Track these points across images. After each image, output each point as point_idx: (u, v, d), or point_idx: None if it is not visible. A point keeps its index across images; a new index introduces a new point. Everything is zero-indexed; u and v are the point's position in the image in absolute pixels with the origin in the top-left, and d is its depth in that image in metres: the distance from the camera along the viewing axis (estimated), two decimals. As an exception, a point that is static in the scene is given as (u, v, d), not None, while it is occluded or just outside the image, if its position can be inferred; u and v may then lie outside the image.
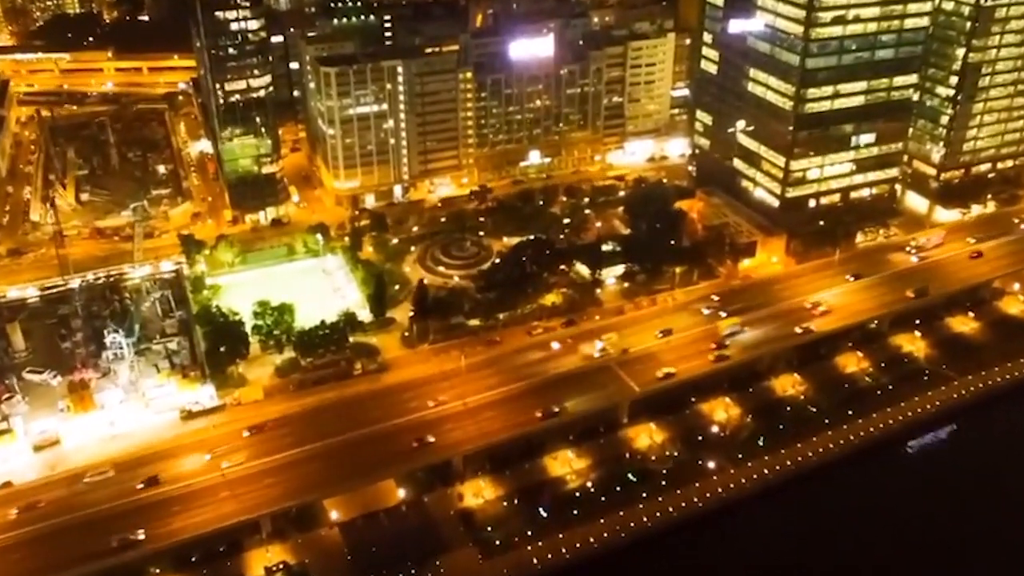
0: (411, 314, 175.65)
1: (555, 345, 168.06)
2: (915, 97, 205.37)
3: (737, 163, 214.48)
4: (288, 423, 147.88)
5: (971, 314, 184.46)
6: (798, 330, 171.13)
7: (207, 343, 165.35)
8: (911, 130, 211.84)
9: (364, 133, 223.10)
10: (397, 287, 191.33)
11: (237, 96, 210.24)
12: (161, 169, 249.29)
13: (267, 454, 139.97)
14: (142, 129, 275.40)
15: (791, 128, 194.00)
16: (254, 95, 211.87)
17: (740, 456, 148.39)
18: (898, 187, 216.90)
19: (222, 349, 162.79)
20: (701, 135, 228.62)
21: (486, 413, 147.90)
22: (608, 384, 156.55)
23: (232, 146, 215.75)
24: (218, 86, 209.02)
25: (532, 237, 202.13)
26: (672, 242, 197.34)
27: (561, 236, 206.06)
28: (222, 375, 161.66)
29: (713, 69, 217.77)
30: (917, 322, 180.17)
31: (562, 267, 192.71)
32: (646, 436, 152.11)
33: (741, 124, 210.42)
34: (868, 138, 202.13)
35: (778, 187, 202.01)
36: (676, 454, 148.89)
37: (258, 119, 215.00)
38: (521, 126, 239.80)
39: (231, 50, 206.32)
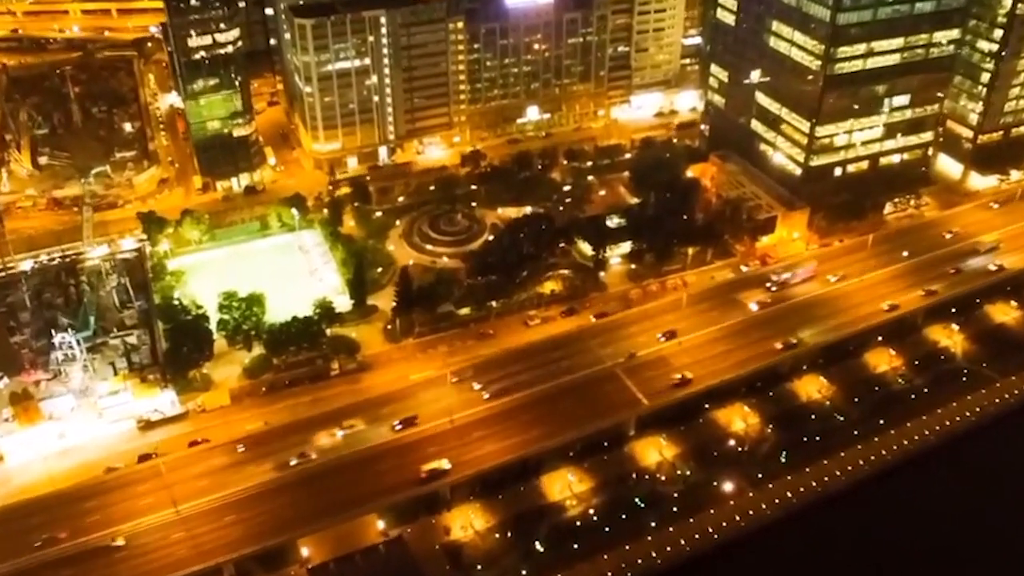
0: (394, 304, 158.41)
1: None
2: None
3: (755, 125, 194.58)
4: (254, 444, 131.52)
5: (1013, 302, 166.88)
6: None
7: (168, 343, 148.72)
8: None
9: (345, 90, 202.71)
10: (380, 269, 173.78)
11: (202, 53, 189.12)
12: (128, 127, 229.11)
13: (230, 484, 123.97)
14: (109, 80, 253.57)
15: (818, 90, 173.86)
16: (221, 51, 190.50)
17: (760, 475, 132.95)
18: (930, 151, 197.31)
19: (184, 350, 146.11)
20: (715, 91, 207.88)
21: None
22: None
23: (199, 108, 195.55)
24: (181, 41, 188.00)
25: (530, 211, 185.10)
26: (684, 216, 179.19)
27: (561, 208, 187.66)
28: (184, 379, 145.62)
29: (730, 19, 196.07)
30: (953, 311, 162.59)
31: (562, 244, 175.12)
32: (655, 451, 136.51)
33: (760, 81, 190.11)
34: (902, 100, 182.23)
35: (801, 154, 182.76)
36: (688, 473, 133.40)
37: (227, 77, 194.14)
38: (518, 80, 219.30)
39: (193, 1, 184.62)
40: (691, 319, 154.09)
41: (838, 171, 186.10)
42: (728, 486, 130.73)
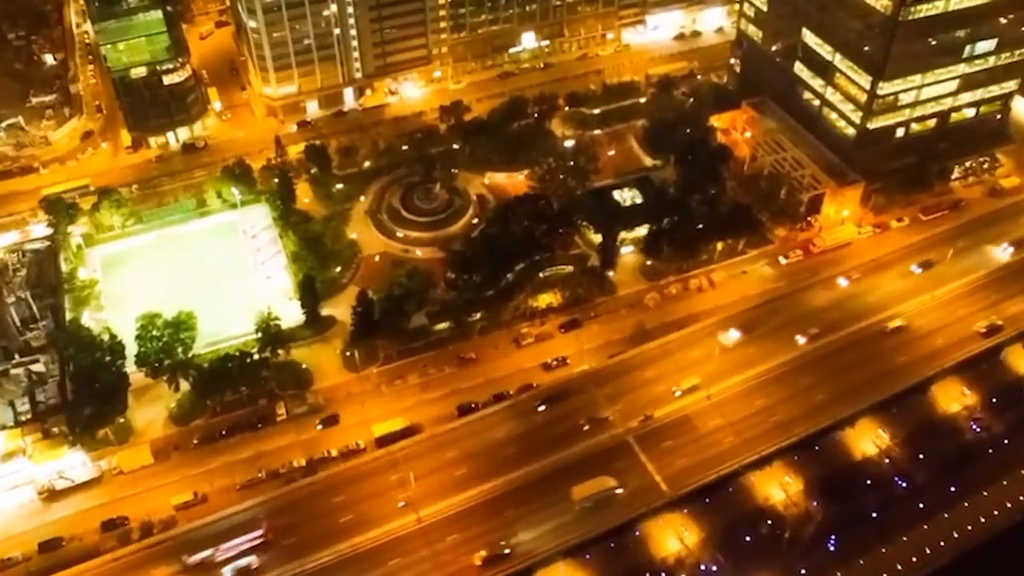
0: (351, 329, 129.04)
1: None
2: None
3: (799, 69, 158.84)
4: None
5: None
6: None
7: (73, 388, 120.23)
8: None
9: (298, 23, 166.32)
10: (339, 269, 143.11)
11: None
12: (49, 59, 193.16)
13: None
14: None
15: (886, 39, 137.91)
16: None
17: (803, 573, 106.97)
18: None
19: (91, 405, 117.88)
20: (750, 20, 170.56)
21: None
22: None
23: (118, 53, 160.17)
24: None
25: (523, 178, 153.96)
26: (712, 192, 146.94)
27: (561, 176, 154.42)
28: (92, 438, 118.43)
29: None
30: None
31: (562, 231, 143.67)
32: (673, 536, 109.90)
33: (808, 15, 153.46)
34: (987, 45, 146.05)
35: (857, 113, 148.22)
36: (715, 569, 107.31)
37: (150, 12, 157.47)
38: (510, 2, 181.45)
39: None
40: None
41: (900, 132, 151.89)
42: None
